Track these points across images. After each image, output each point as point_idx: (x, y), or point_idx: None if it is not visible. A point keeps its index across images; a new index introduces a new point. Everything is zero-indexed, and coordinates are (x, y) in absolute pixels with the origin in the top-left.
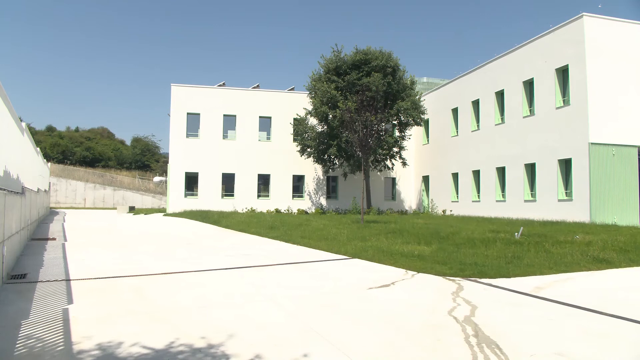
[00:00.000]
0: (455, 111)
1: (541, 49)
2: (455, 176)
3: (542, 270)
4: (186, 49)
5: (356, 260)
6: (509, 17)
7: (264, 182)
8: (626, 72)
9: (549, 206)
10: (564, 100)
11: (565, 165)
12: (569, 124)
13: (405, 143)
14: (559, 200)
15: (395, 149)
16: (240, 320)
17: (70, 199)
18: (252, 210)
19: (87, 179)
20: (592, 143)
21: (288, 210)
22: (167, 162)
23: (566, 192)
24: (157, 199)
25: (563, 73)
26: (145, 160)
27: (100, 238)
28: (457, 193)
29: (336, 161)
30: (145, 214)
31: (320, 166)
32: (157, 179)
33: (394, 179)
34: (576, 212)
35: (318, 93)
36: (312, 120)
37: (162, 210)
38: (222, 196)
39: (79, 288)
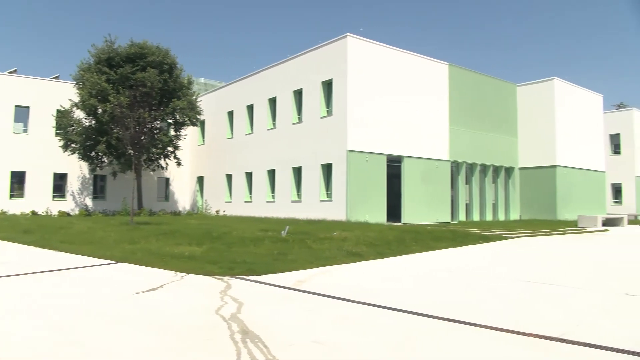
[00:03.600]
0: (231, 114)
1: (310, 62)
2: (229, 177)
3: (304, 265)
4: None
5: (123, 264)
6: (285, 29)
7: (18, 180)
8: (380, 88)
9: (312, 206)
10: (327, 111)
11: (327, 169)
12: (331, 132)
13: (180, 143)
14: (321, 201)
15: (170, 149)
16: None
17: None
18: (3, 213)
19: None
20: (349, 150)
21: (47, 212)
22: None
23: (327, 194)
24: None
25: (328, 86)
26: None
27: None
28: (231, 194)
29: (105, 159)
30: None
31: (87, 164)
32: None
33: (167, 179)
34: (335, 211)
35: (86, 84)
36: (79, 114)
37: None
38: None
39: None
